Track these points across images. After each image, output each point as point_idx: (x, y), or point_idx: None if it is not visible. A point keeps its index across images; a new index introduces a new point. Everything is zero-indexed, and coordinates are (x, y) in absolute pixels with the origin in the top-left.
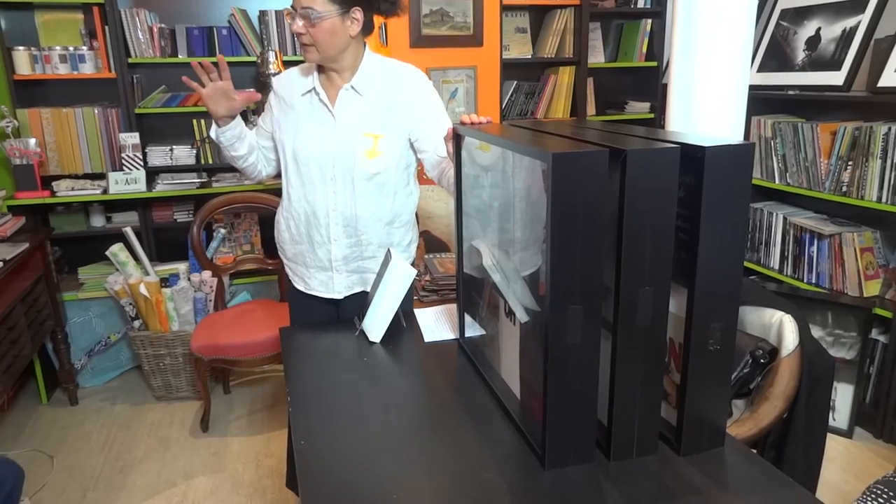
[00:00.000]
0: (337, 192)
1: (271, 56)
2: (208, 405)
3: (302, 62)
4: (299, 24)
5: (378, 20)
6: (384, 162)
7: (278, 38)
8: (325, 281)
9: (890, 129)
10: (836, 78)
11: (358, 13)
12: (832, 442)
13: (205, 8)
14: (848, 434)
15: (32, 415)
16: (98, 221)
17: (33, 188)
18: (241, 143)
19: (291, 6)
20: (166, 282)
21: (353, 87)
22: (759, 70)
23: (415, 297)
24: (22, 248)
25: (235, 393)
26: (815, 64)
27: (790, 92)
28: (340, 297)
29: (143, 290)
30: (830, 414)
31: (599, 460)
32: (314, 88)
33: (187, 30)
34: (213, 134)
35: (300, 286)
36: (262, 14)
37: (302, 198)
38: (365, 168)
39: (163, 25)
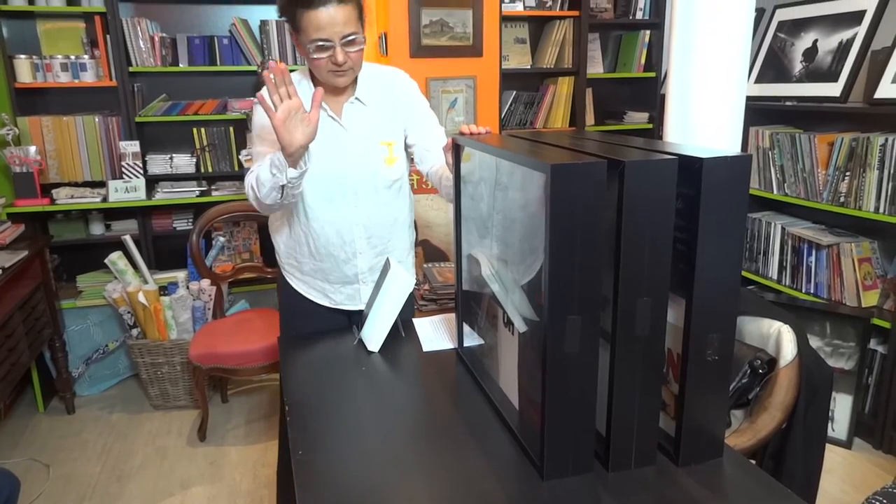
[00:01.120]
0: (359, 205)
1: (272, 65)
2: (206, 414)
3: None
4: (346, 52)
5: (376, 33)
6: (401, 167)
7: (279, 47)
8: (351, 294)
9: (887, 139)
10: (833, 89)
11: (366, 23)
12: (831, 453)
13: (206, 17)
14: (847, 445)
15: (29, 423)
16: (97, 229)
17: (33, 196)
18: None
19: (320, 39)
20: (165, 290)
21: (358, 99)
22: (757, 81)
23: (414, 307)
24: (21, 256)
25: (233, 402)
26: (812, 75)
27: (788, 103)
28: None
29: (141, 298)
30: (829, 424)
31: (598, 471)
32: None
33: (188, 39)
34: (288, 174)
35: (321, 301)
36: (263, 24)
37: (321, 217)
38: (387, 176)
39: (164, 34)
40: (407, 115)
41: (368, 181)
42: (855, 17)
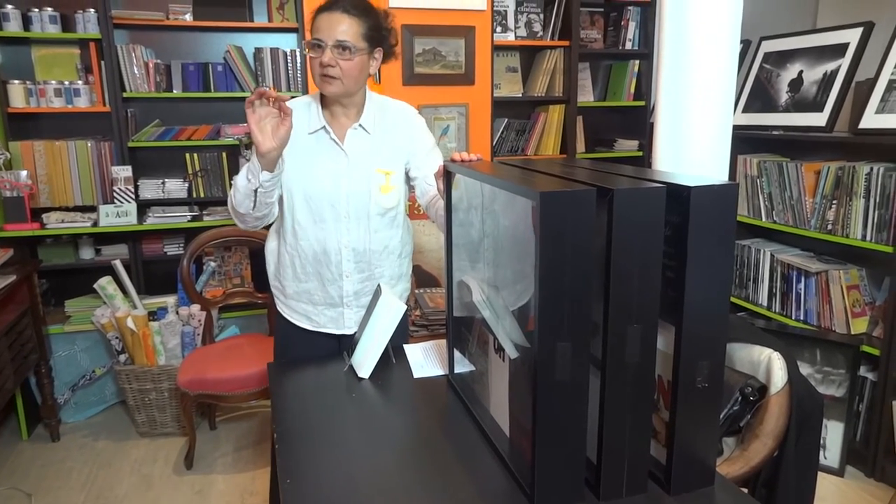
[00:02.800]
0: (350, 228)
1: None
2: (193, 441)
3: (294, 98)
4: (332, 55)
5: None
6: (397, 196)
7: (273, 74)
8: (334, 318)
9: (872, 168)
10: (818, 119)
11: (379, 53)
12: (823, 481)
13: (200, 45)
14: (839, 473)
15: (12, 451)
16: (87, 254)
17: (23, 220)
18: (278, 188)
19: (316, 38)
20: (154, 315)
21: (361, 126)
22: (745, 111)
23: (407, 333)
24: (9, 281)
25: (221, 429)
26: (798, 105)
27: (775, 132)
28: (351, 332)
29: (130, 323)
30: (821, 452)
31: (588, 499)
32: (324, 127)
33: (183, 65)
34: (261, 178)
35: (304, 324)
36: (258, 51)
37: (311, 236)
38: (381, 203)
39: (158, 61)
40: (410, 148)
41: (361, 206)
42: (838, 50)
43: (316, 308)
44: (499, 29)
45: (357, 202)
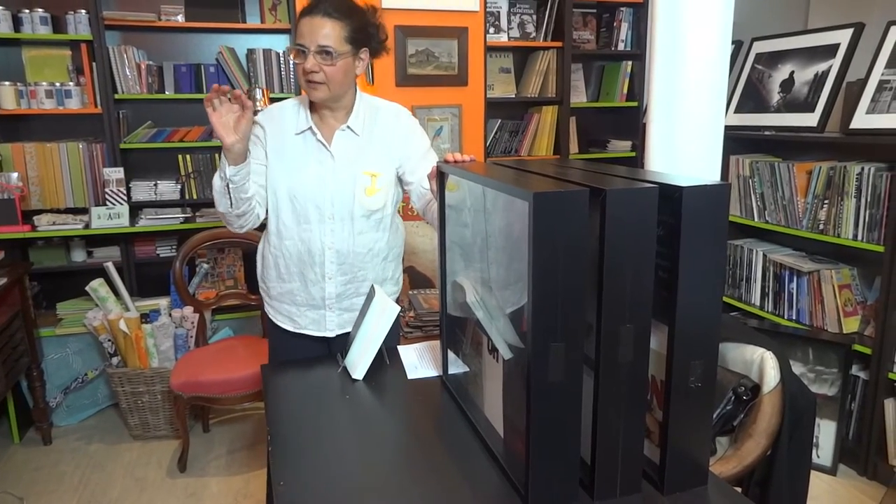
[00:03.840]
0: (335, 230)
1: (258, 93)
2: (186, 444)
3: (285, 99)
4: (315, 61)
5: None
6: (382, 199)
7: (265, 75)
8: (316, 319)
9: (863, 168)
10: (810, 119)
11: (365, 54)
12: (816, 479)
13: (193, 46)
14: (832, 471)
15: (3, 455)
16: (79, 256)
17: (13, 223)
18: (250, 183)
19: (299, 43)
20: (147, 317)
21: (349, 128)
22: (737, 111)
23: (400, 334)
24: None
25: (215, 431)
26: (789, 105)
27: (766, 132)
28: (332, 335)
29: (122, 325)
30: (814, 451)
31: (582, 499)
32: (311, 128)
33: (175, 66)
34: (227, 173)
35: (287, 325)
36: (250, 52)
37: (295, 236)
38: (365, 205)
39: (150, 62)
40: (403, 152)
41: (345, 207)
42: (829, 51)
43: (298, 309)
44: (492, 30)
45: (341, 203)
